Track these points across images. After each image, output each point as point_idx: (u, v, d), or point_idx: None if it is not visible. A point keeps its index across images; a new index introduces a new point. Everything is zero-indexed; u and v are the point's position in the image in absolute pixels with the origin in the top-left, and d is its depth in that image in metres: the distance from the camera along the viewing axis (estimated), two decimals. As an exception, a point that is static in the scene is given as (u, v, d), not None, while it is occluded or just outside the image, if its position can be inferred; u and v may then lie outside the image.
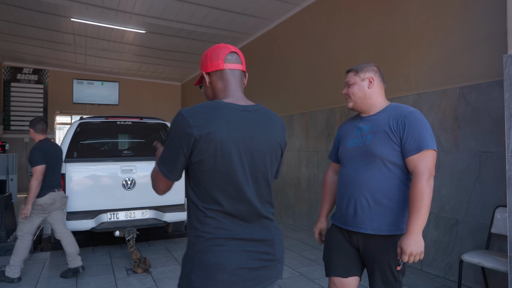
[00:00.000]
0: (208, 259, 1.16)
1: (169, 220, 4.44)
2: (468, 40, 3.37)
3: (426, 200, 1.59)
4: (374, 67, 1.85)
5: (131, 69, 10.59)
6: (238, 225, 1.20)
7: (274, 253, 1.27)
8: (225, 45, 1.32)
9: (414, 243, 1.58)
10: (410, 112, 1.72)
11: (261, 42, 7.25)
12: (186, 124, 1.14)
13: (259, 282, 1.22)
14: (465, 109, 3.37)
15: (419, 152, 1.64)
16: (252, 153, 1.21)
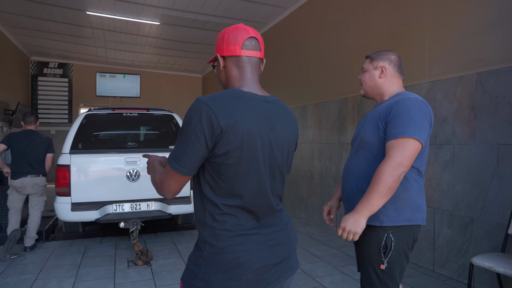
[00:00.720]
0: (230, 259, 1.08)
1: (174, 213, 4.40)
2: (486, 21, 3.05)
3: (381, 186, 1.51)
4: (391, 56, 1.81)
5: (151, 62, 10.67)
6: (254, 220, 1.14)
7: (291, 242, 1.24)
8: (245, 28, 1.19)
9: (353, 221, 1.55)
10: (402, 99, 1.65)
11: (276, 31, 7.05)
12: (210, 112, 1.03)
13: (282, 274, 1.18)
14: (483, 97, 3.07)
15: (395, 138, 1.57)
16: (272, 145, 1.14)
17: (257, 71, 1.22)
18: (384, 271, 1.66)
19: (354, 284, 3.24)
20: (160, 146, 4.49)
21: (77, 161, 4.08)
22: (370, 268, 1.70)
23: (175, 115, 4.83)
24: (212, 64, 1.28)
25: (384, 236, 1.65)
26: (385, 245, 1.65)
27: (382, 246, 1.65)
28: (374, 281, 1.70)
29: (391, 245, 1.64)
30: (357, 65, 4.69)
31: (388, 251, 1.64)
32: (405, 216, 1.66)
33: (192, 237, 4.75)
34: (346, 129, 4.90)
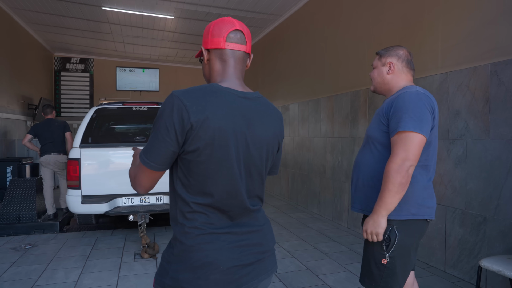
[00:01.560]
0: (198, 258, 1.06)
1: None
2: (501, 9, 2.84)
3: (390, 184, 1.54)
4: (400, 51, 1.81)
5: (169, 56, 10.75)
6: (226, 219, 1.11)
7: (267, 243, 1.19)
8: (231, 20, 1.15)
9: (372, 223, 1.60)
10: (402, 93, 1.66)
11: (289, 24, 6.92)
12: (182, 107, 1.01)
13: (255, 276, 1.14)
14: (498, 89, 2.88)
15: (396, 133, 1.58)
16: (248, 144, 1.09)
17: (241, 66, 1.17)
18: (386, 266, 1.66)
19: (358, 283, 3.15)
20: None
21: (87, 155, 4.15)
22: (371, 261, 1.71)
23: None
24: (199, 58, 1.25)
25: (388, 229, 1.65)
26: (388, 238, 1.65)
27: (385, 239, 1.65)
28: (375, 276, 1.70)
29: (395, 240, 1.64)
30: (369, 56, 4.53)
31: (391, 245, 1.65)
32: (409, 211, 1.66)
33: (201, 231, 4.77)
34: (358, 123, 4.76)
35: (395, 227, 1.66)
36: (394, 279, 1.68)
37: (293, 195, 6.84)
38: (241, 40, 1.15)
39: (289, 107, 7.04)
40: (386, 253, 1.66)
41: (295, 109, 6.74)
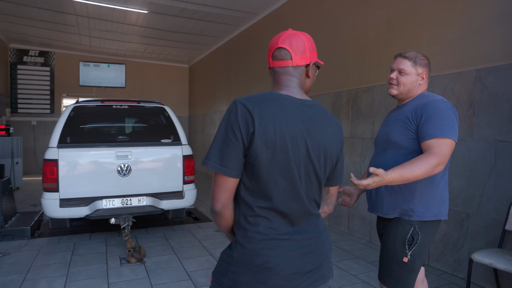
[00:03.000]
0: (259, 262, 1.09)
1: (166, 208, 4.31)
2: (486, 18, 3.04)
3: (418, 170, 1.53)
4: (427, 62, 1.87)
5: (137, 51, 10.39)
6: (287, 225, 1.14)
7: (325, 250, 1.21)
8: (279, 37, 1.21)
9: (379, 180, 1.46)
10: (431, 101, 1.72)
11: (268, 23, 6.93)
12: (245, 111, 1.06)
13: (312, 282, 1.16)
14: (482, 94, 3.07)
15: (433, 138, 1.63)
16: (308, 148, 1.13)
17: (296, 77, 1.20)
18: (406, 264, 1.75)
19: (351, 279, 3.24)
20: (151, 139, 4.36)
21: (65, 156, 3.92)
22: (392, 260, 1.78)
23: (166, 108, 4.70)
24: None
25: (411, 229, 1.74)
26: (411, 238, 1.73)
27: (408, 239, 1.74)
28: (395, 273, 1.78)
29: (417, 239, 1.73)
30: (352, 58, 4.65)
31: (413, 244, 1.73)
32: (432, 211, 1.76)
33: (184, 232, 4.68)
34: (340, 122, 4.86)
35: (417, 227, 1.75)
36: (413, 275, 1.80)
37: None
38: (286, 56, 1.19)
39: (265, 106, 7.05)
40: (408, 251, 1.74)
41: (272, 108, 6.76)
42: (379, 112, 4.20)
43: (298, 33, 1.21)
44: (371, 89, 4.33)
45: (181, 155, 4.43)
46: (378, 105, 4.21)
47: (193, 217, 5.59)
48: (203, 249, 4.02)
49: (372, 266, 3.55)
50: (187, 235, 4.58)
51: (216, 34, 8.57)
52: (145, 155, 4.26)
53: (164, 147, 4.38)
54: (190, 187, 4.53)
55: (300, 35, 1.20)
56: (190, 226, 5.04)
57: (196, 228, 4.93)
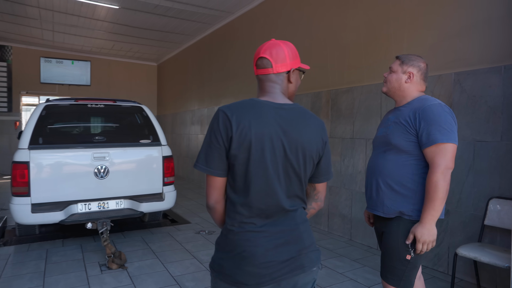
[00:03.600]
0: (238, 251, 1.23)
1: (145, 211, 4.17)
2: (466, 24, 3.19)
3: (440, 192, 1.66)
4: (421, 64, 1.91)
5: (104, 48, 9.98)
6: (264, 218, 1.25)
7: (302, 242, 1.29)
8: (261, 48, 1.34)
9: (427, 232, 1.69)
10: (428, 105, 1.77)
11: (243, 22, 6.90)
12: (225, 119, 1.21)
13: (289, 271, 1.25)
14: (460, 96, 3.22)
15: (434, 144, 1.70)
16: (285, 148, 1.23)
17: (277, 83, 1.32)
18: (409, 261, 1.80)
19: (339, 277, 3.28)
20: (130, 140, 4.20)
21: (37, 158, 3.68)
22: (395, 258, 1.83)
23: (144, 107, 4.54)
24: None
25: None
26: (414, 237, 1.76)
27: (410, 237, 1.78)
28: (398, 271, 1.83)
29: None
30: (332, 59, 4.73)
31: (415, 242, 1.76)
32: None
33: (163, 235, 4.54)
34: (319, 123, 4.93)
35: None
36: (414, 272, 1.85)
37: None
38: (267, 64, 1.31)
39: (240, 106, 7.01)
40: (411, 249, 1.79)
41: (248, 108, 6.74)
42: (360, 112, 4.30)
43: (279, 42, 1.33)
44: (351, 90, 4.42)
45: (161, 156, 4.30)
46: (359, 105, 4.31)
47: (169, 219, 5.45)
48: (186, 252, 3.92)
49: (357, 263, 3.62)
50: (166, 238, 4.46)
51: (189, 32, 8.41)
52: (123, 156, 4.09)
53: (143, 148, 4.23)
54: (170, 188, 4.41)
55: (281, 44, 1.32)
56: (168, 228, 4.90)
57: (175, 230, 4.81)
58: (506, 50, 2.91)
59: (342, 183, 4.57)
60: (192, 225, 5.10)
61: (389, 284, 1.89)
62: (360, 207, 4.29)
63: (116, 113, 4.45)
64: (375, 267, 3.53)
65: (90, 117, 4.29)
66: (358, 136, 4.33)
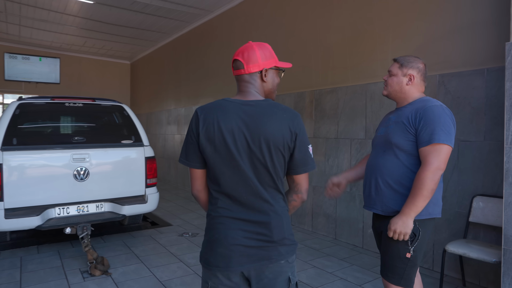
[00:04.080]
0: (212, 234, 1.38)
1: (128, 213, 4.01)
2: (451, 27, 3.29)
3: (425, 190, 1.70)
4: (420, 65, 1.94)
5: (75, 44, 9.58)
6: (238, 206, 1.36)
7: (271, 236, 1.35)
8: (238, 51, 1.47)
9: (402, 223, 1.75)
10: (430, 106, 1.80)
11: (223, 20, 6.82)
12: (196, 117, 1.39)
13: (256, 260, 1.34)
14: (445, 97, 3.32)
15: (430, 144, 1.74)
16: (247, 141, 1.33)
17: (250, 83, 1.44)
18: (409, 259, 1.83)
19: (329, 277, 3.29)
20: (111, 140, 4.03)
21: (11, 159, 3.45)
22: (395, 257, 1.86)
23: (125, 106, 4.37)
24: None
25: (412, 227, 1.80)
26: (413, 234, 1.81)
27: (410, 235, 1.81)
28: (399, 269, 1.86)
29: (419, 235, 1.81)
30: (315, 59, 4.75)
31: (415, 240, 1.81)
32: (427, 210, 1.84)
33: (146, 239, 4.40)
34: (304, 123, 4.94)
35: (417, 224, 1.83)
36: (414, 270, 1.88)
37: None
38: (240, 65, 1.44)
39: (220, 105, 6.93)
40: (411, 247, 1.82)
41: (228, 108, 6.67)
42: (344, 113, 4.35)
43: (253, 44, 1.44)
44: (336, 90, 4.46)
45: (143, 157, 4.16)
46: (343, 106, 4.36)
47: (149, 222, 5.29)
48: (172, 256, 3.81)
49: (345, 262, 3.65)
50: (149, 241, 4.32)
51: (165, 30, 8.23)
52: (104, 157, 3.92)
53: (125, 149, 4.07)
54: (153, 190, 4.28)
55: (254, 46, 1.43)
56: (150, 231, 4.76)
57: (157, 233, 4.67)
58: (489, 54, 3.02)
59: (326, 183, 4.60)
60: (174, 227, 4.97)
61: (390, 283, 1.90)
62: (344, 206, 4.34)
63: (96, 113, 4.26)
64: (362, 265, 3.57)
65: (68, 117, 4.08)
66: (342, 136, 4.38)
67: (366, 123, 4.07)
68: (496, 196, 2.95)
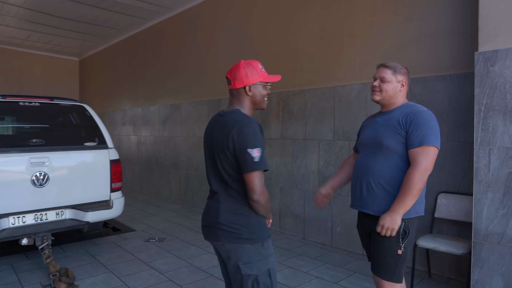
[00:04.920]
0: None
1: (92, 220, 3.76)
2: (416, 35, 3.50)
3: (413, 189, 1.80)
4: (406, 71, 2.05)
5: (16, 38, 8.81)
6: (211, 194, 1.79)
7: (217, 218, 1.68)
8: (229, 69, 1.78)
9: (390, 219, 1.84)
10: (419, 111, 1.92)
11: (184, 19, 6.66)
12: None
13: (208, 235, 1.75)
14: (411, 101, 3.50)
15: (420, 146, 1.84)
16: (212, 145, 1.73)
17: (236, 97, 1.75)
18: (400, 255, 1.92)
19: (305, 277, 3.35)
20: (73, 143, 3.76)
21: (-42, 164, 3.09)
22: (387, 254, 1.94)
23: (86, 106, 4.11)
24: None
25: (402, 224, 1.90)
26: (404, 232, 1.91)
27: (401, 233, 1.91)
28: (391, 265, 1.94)
29: (408, 232, 1.91)
30: (282, 62, 4.81)
31: (406, 237, 1.91)
32: (415, 209, 1.95)
33: (110, 246, 4.16)
34: (270, 124, 4.99)
35: (407, 221, 1.92)
36: (404, 265, 1.99)
37: (187, 197, 6.63)
38: (229, 82, 1.75)
39: (181, 106, 6.78)
40: (402, 244, 1.91)
41: (190, 108, 6.54)
42: (312, 114, 4.44)
43: (241, 63, 1.72)
44: (304, 92, 4.55)
45: (108, 160, 3.94)
46: (311, 108, 4.45)
47: (111, 228, 5.02)
48: (141, 263, 3.65)
49: (317, 261, 3.73)
50: (114, 248, 4.09)
51: (120, 27, 7.86)
52: (65, 161, 3.65)
53: (88, 151, 3.82)
54: (118, 195, 4.06)
55: (241, 65, 1.72)
56: (112, 238, 4.51)
57: (121, 239, 4.44)
58: (451, 61, 3.26)
59: (294, 184, 4.68)
60: (138, 232, 4.76)
61: (382, 279, 1.98)
62: (313, 206, 4.42)
63: (54, 113, 3.95)
64: (335, 263, 3.67)
65: (24, 117, 3.73)
66: (310, 137, 4.47)
67: (335, 124, 4.19)
68: (458, 192, 3.19)
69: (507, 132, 2.36)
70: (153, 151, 7.66)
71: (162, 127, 7.36)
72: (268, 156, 5.00)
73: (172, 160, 7.06)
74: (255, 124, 1.61)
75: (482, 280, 2.45)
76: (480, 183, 2.46)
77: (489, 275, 2.42)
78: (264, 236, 1.67)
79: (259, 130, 1.62)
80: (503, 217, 2.37)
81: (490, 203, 2.42)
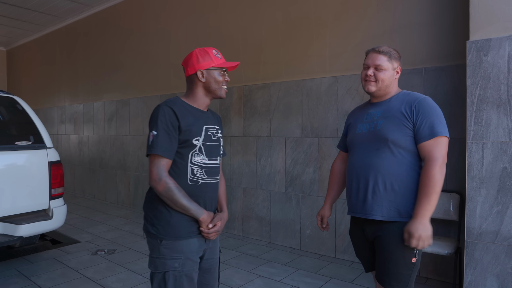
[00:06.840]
0: None
1: (26, 234, 3.16)
2: (390, 27, 3.36)
3: (437, 187, 1.60)
4: (399, 55, 1.83)
5: None
6: None
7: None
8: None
9: (423, 227, 1.58)
10: (423, 98, 1.73)
11: (133, 5, 6.07)
12: None
13: None
14: (384, 95, 3.38)
15: (432, 138, 1.65)
16: None
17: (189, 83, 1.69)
18: (414, 264, 1.69)
19: (279, 286, 3.06)
20: (2, 141, 3.13)
21: None
22: (400, 263, 1.68)
23: (18, 99, 3.47)
24: None
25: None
26: None
27: None
28: (404, 276, 1.69)
29: None
30: (243, 53, 4.49)
31: None
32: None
33: (49, 263, 3.55)
34: (231, 120, 4.65)
35: None
36: (416, 273, 1.74)
37: (137, 201, 6.06)
38: (184, 70, 1.68)
39: (129, 101, 6.19)
40: (416, 251, 1.67)
41: (139, 104, 5.99)
42: (278, 110, 4.18)
43: (195, 50, 1.64)
44: (268, 86, 4.27)
45: (47, 162, 3.34)
46: (277, 102, 4.19)
47: (49, 240, 4.35)
48: (90, 282, 3.12)
49: (289, 268, 3.47)
50: (54, 265, 3.49)
51: (57, 13, 7.03)
52: (-8, 163, 3.01)
53: (21, 152, 3.20)
54: (59, 202, 3.48)
55: (194, 51, 1.64)
56: (52, 252, 3.88)
57: (63, 254, 3.83)
58: (426, 54, 3.16)
59: (258, 184, 4.39)
60: (83, 244, 4.17)
61: None
62: (279, 208, 4.18)
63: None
64: (308, 269, 3.43)
65: None
66: (276, 135, 4.21)
67: (303, 120, 3.96)
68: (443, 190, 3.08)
69: (501, 125, 2.26)
70: (97, 151, 6.94)
71: (107, 125, 6.69)
72: (229, 155, 4.65)
73: (119, 161, 6.43)
74: (162, 107, 1.53)
75: (475, 281, 2.34)
76: (473, 179, 2.34)
77: (483, 276, 2.31)
78: (165, 235, 1.53)
79: (164, 112, 1.52)
80: (497, 214, 2.26)
81: (484, 200, 2.30)
